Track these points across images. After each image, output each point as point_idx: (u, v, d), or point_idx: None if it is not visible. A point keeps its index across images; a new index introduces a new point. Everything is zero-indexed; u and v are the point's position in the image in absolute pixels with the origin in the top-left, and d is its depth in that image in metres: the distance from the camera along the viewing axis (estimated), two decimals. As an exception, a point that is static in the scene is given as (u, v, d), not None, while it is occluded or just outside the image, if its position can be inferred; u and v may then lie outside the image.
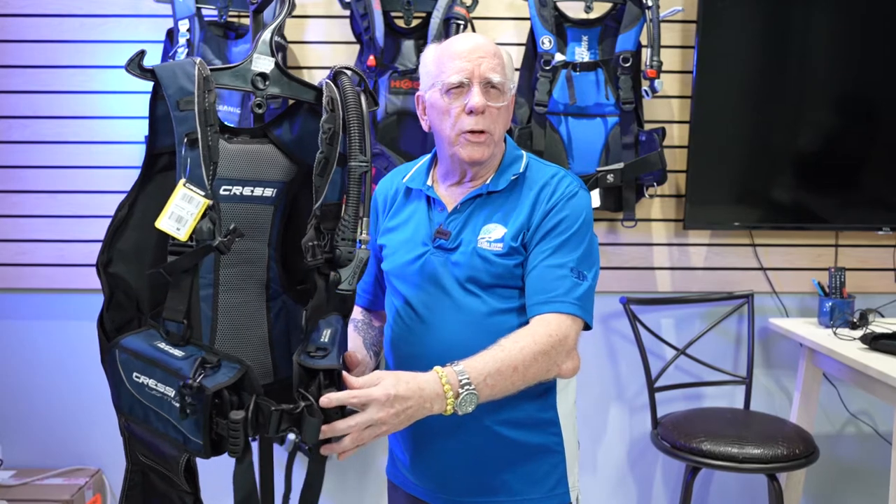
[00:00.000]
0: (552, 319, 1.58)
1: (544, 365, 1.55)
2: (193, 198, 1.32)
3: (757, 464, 2.53)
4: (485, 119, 1.64)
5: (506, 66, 1.69)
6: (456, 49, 1.67)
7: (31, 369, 3.00)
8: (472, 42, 1.68)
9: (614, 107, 2.76)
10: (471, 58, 1.64)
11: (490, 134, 1.66)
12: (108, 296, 1.39)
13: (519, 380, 1.52)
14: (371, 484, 3.04)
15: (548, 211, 1.66)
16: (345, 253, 1.41)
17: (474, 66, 1.64)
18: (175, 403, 1.29)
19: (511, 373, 1.50)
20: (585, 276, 1.63)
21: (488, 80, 1.64)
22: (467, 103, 1.63)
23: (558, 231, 1.64)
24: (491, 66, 1.65)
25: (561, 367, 1.60)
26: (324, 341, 1.41)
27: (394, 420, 1.37)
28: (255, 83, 1.46)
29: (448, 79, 1.65)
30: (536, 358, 1.53)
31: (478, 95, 1.63)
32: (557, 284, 1.60)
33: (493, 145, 1.69)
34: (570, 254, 1.63)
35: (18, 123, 2.90)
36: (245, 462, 1.32)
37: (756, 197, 3.00)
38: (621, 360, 3.08)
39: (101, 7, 2.88)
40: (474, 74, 1.64)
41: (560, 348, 1.56)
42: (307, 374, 1.36)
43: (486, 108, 1.64)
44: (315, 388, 1.34)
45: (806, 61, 2.95)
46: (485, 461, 1.68)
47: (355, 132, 1.40)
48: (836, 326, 2.77)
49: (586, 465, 3.08)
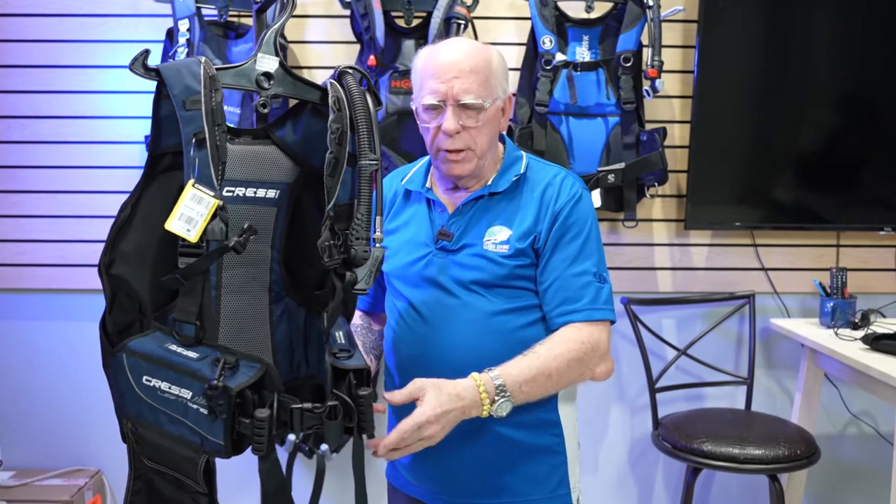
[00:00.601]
0: (583, 327, 1.64)
1: (577, 371, 1.62)
2: (203, 198, 1.31)
3: (758, 464, 2.53)
4: (461, 138, 1.64)
5: (490, 77, 1.65)
6: (433, 65, 1.64)
7: (30, 370, 3.00)
8: (450, 57, 1.64)
9: (615, 107, 2.76)
10: (444, 78, 1.62)
11: (470, 150, 1.66)
12: (111, 298, 1.38)
13: (552, 386, 1.60)
14: (370, 486, 3.01)
15: (556, 215, 1.67)
16: (360, 252, 1.40)
17: (448, 88, 1.62)
18: (192, 405, 1.29)
19: (545, 380, 1.58)
20: (605, 279, 1.69)
21: (461, 100, 1.62)
22: (442, 125, 1.63)
23: (571, 236, 1.67)
24: (465, 86, 1.61)
25: (595, 371, 1.67)
26: (343, 343, 1.43)
27: (440, 434, 1.49)
28: (260, 83, 1.45)
29: (422, 100, 1.65)
30: (570, 365, 1.60)
31: (450, 119, 1.62)
32: (583, 293, 1.66)
33: (477, 158, 1.68)
34: (588, 259, 1.67)
35: (18, 123, 2.90)
36: (270, 459, 1.32)
37: (757, 197, 2.99)
38: (622, 360, 3.08)
39: (100, 7, 2.87)
40: (448, 96, 1.62)
41: (593, 354, 1.64)
42: (335, 374, 1.38)
43: (462, 129, 1.63)
44: (346, 388, 1.36)
45: (807, 61, 2.95)
46: (486, 462, 1.67)
47: (364, 130, 1.39)
48: (838, 327, 2.76)
49: (587, 465, 3.07)
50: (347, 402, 1.35)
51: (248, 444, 1.31)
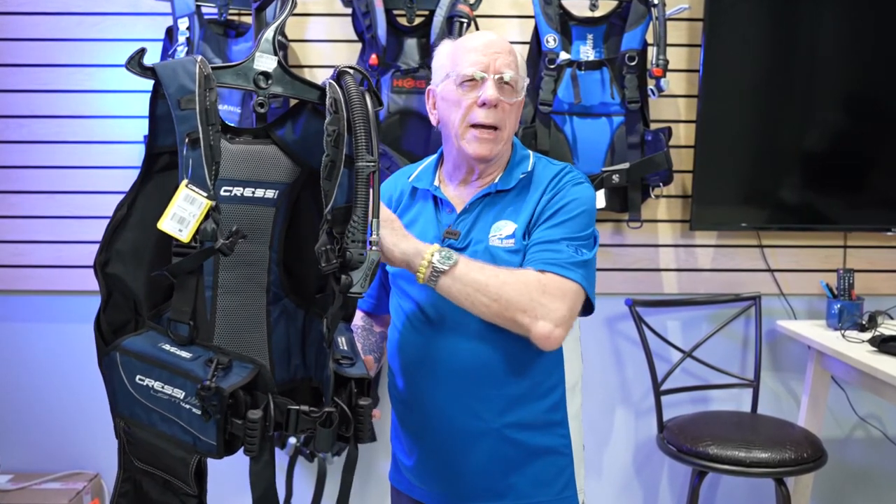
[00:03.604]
0: (549, 273, 1.58)
1: (520, 296, 1.55)
2: (196, 199, 1.31)
3: (764, 468, 2.52)
4: (496, 114, 1.66)
5: (519, 64, 1.72)
6: (472, 44, 1.70)
7: (28, 372, 2.99)
8: (489, 38, 1.71)
9: (620, 106, 2.75)
10: (486, 52, 1.67)
11: (500, 130, 1.67)
12: (106, 297, 1.38)
13: (493, 286, 1.54)
14: (373, 489, 3.02)
15: (552, 195, 1.67)
16: (355, 255, 1.39)
17: (490, 61, 1.66)
18: (185, 405, 1.29)
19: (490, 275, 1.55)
20: (583, 252, 1.63)
21: (503, 75, 1.66)
22: (480, 96, 1.65)
23: (561, 213, 1.66)
24: (506, 62, 1.67)
25: (536, 322, 1.56)
26: (345, 349, 1.43)
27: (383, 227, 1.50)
28: (258, 82, 1.44)
29: (463, 70, 1.67)
30: (517, 284, 1.55)
31: (492, 89, 1.65)
32: (553, 252, 1.61)
33: (502, 143, 1.69)
34: (571, 232, 1.64)
35: (16, 123, 2.89)
36: (262, 461, 1.32)
37: (763, 197, 2.98)
38: (627, 362, 3.06)
39: (99, 5, 2.87)
40: (490, 68, 1.66)
41: (543, 298, 1.55)
42: (336, 382, 1.38)
43: (499, 103, 1.65)
44: (346, 397, 1.36)
45: (814, 60, 2.94)
46: (492, 464, 1.67)
47: (361, 132, 1.38)
48: (845, 329, 2.75)
49: (591, 469, 3.06)
50: (346, 411, 1.35)
51: (240, 444, 1.31)
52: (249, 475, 1.33)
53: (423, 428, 1.71)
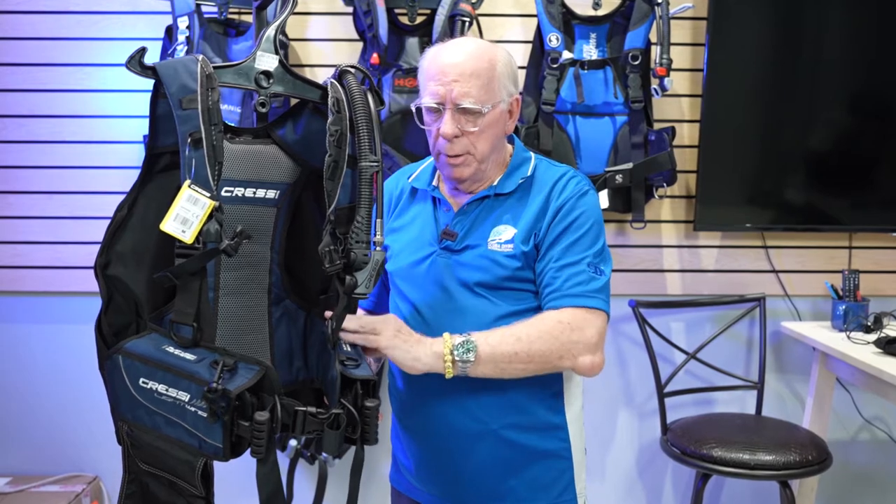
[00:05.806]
0: (566, 309, 1.59)
1: (550, 345, 1.55)
2: (199, 199, 1.31)
3: (769, 470, 2.52)
4: (460, 143, 1.62)
5: (492, 80, 1.62)
6: (432, 69, 1.63)
7: (27, 374, 2.98)
8: (452, 59, 1.61)
9: (623, 106, 2.74)
10: (444, 80, 1.60)
11: (469, 154, 1.64)
12: (107, 299, 1.38)
13: (522, 350, 1.54)
14: (374, 491, 3.00)
15: (558, 209, 1.65)
16: (360, 256, 1.40)
17: (446, 91, 1.60)
18: (190, 408, 1.29)
19: (514, 341, 1.53)
20: (602, 272, 1.64)
21: (459, 104, 1.59)
22: (441, 128, 1.62)
23: (572, 229, 1.64)
24: (464, 90, 1.59)
25: (577, 360, 1.58)
26: (349, 350, 1.44)
27: (388, 342, 1.49)
28: (259, 81, 1.45)
29: (424, 100, 1.64)
30: (542, 336, 1.55)
31: (448, 123, 1.60)
32: (571, 279, 1.60)
33: (478, 163, 1.66)
34: (586, 250, 1.63)
35: (14, 122, 2.88)
36: (269, 462, 1.32)
37: (768, 198, 2.98)
38: (630, 364, 3.05)
39: (98, 4, 2.86)
40: (446, 99, 1.60)
41: (572, 335, 1.57)
42: (341, 383, 1.39)
43: (461, 133, 1.61)
44: (352, 398, 1.37)
45: (818, 59, 2.93)
46: (491, 466, 1.66)
47: (364, 132, 1.38)
48: (850, 330, 2.74)
49: (594, 471, 3.05)
50: (353, 413, 1.36)
51: (246, 446, 1.31)
52: (256, 477, 1.33)
53: (422, 429, 1.71)
